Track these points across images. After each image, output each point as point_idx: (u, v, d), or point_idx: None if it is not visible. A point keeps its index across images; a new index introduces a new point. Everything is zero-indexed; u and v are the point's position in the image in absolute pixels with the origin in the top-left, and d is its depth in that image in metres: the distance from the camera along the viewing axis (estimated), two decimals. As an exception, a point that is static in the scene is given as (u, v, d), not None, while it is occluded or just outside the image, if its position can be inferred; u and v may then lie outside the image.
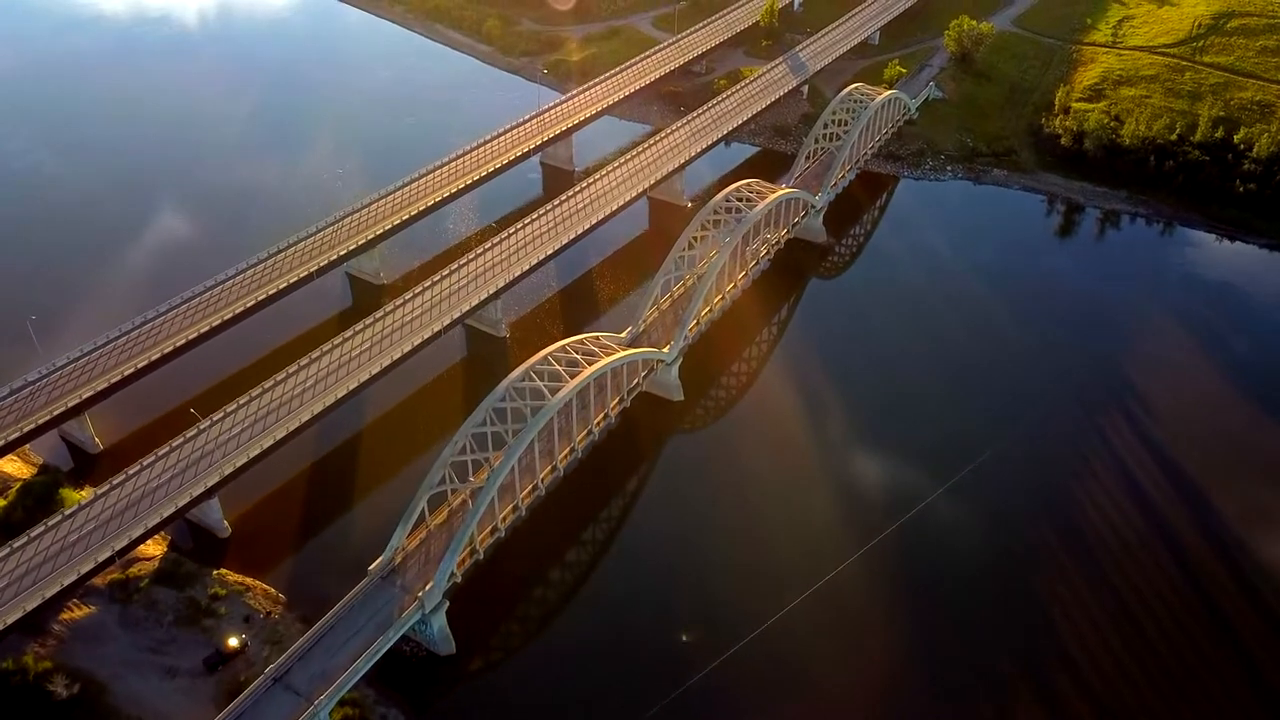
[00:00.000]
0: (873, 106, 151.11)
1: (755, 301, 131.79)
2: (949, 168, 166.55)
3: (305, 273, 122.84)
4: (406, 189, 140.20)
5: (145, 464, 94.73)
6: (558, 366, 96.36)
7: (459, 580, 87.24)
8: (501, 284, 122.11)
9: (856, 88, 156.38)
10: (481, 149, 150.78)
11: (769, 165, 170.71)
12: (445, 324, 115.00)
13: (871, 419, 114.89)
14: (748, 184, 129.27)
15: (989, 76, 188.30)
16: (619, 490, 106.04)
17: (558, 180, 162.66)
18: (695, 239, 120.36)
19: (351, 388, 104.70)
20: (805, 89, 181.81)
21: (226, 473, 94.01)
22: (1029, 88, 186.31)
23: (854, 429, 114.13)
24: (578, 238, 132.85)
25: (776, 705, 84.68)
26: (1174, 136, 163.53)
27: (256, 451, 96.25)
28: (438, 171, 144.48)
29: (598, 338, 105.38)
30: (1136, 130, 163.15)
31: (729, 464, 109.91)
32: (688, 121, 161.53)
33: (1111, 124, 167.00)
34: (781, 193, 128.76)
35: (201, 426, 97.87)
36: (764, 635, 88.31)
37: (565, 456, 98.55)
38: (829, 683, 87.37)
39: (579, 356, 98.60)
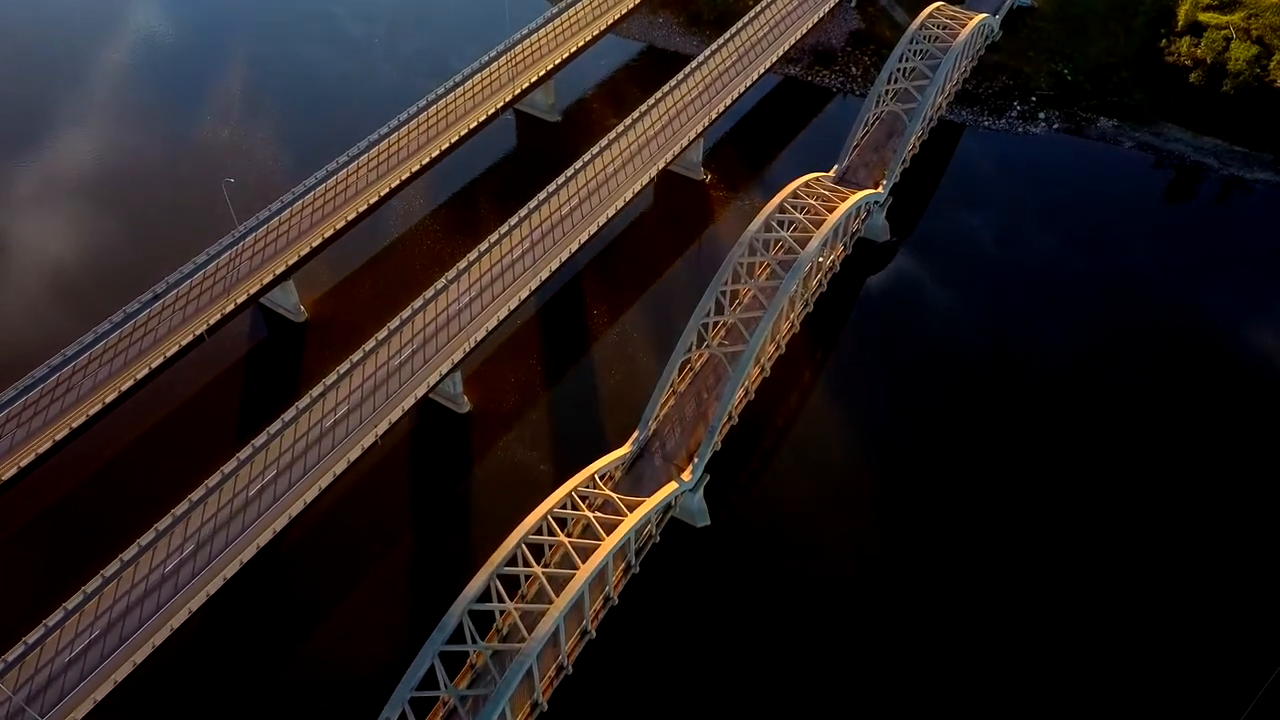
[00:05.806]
0: (957, 45, 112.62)
1: (797, 346, 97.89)
2: (1042, 114, 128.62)
3: (191, 335, 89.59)
4: (332, 183, 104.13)
5: (-54, 715, 66.21)
6: (536, 568, 66.33)
7: None
8: (468, 348, 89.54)
9: (933, 13, 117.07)
10: (435, 110, 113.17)
11: (804, 103, 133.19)
12: (385, 428, 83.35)
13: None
14: (796, 194, 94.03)
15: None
16: (624, 699, 77.17)
17: (535, 137, 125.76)
18: (724, 294, 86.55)
19: (247, 558, 74.50)
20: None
21: (62, 734, 65.55)
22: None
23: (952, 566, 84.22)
24: (568, 260, 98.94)
25: None
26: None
27: (106, 690, 67.24)
28: (375, 150, 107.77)
29: (594, 478, 74.47)
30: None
31: (793, 648, 78.86)
32: (707, 58, 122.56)
33: (1256, 51, 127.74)
34: (847, 205, 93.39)
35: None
36: None
37: (549, 688, 69.50)
38: None
39: (564, 539, 68.25)
